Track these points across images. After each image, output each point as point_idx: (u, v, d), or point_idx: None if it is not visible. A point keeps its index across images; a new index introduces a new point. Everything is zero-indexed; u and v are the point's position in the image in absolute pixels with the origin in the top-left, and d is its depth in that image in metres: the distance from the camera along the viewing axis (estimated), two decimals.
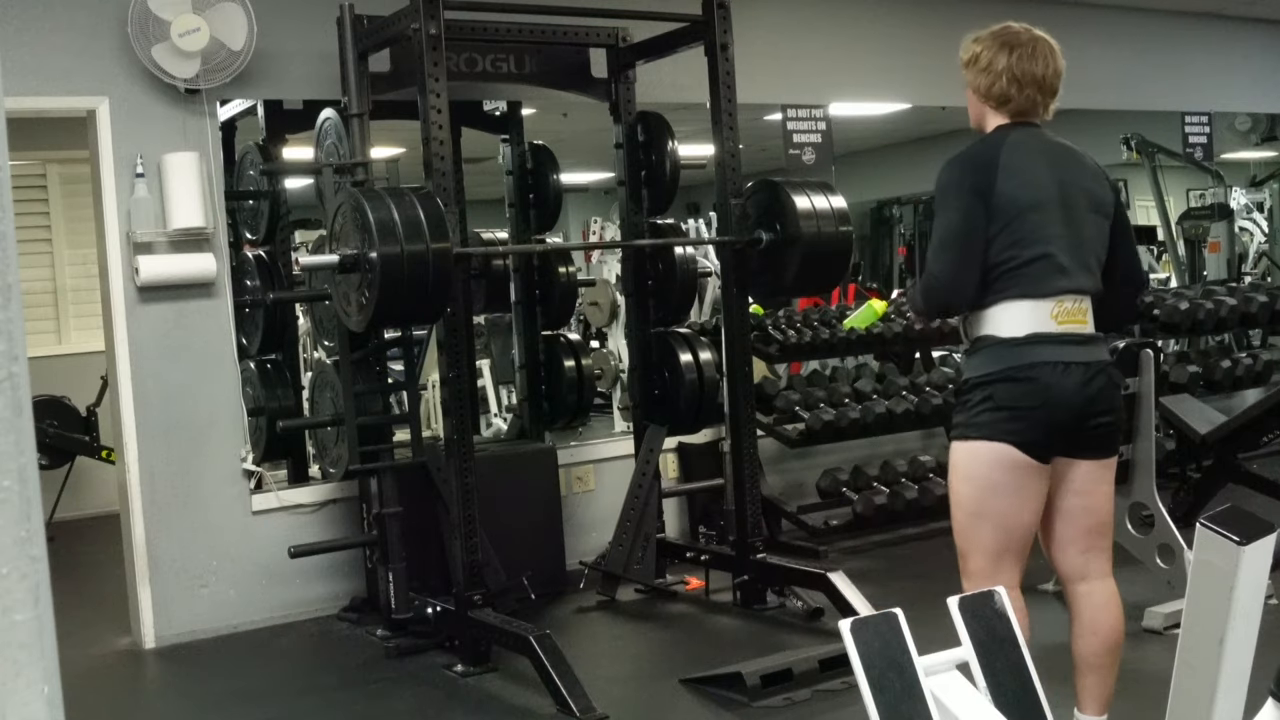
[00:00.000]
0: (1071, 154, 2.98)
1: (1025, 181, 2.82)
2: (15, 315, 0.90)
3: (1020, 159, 2.85)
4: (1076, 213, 2.87)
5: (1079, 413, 2.80)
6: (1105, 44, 7.42)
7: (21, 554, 0.89)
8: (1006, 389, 2.77)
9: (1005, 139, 2.89)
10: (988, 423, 2.79)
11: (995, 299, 2.81)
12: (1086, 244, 2.87)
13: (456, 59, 4.76)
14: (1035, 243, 2.79)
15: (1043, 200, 2.82)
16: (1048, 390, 2.76)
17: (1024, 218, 2.80)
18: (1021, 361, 2.76)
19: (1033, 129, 2.96)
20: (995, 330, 2.81)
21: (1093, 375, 2.81)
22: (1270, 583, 2.11)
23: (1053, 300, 2.79)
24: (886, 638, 1.99)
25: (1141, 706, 3.35)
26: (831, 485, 5.73)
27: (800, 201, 4.51)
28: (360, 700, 4.01)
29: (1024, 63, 2.96)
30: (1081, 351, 2.81)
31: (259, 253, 5.13)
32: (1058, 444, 2.82)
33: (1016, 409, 2.76)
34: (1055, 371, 2.76)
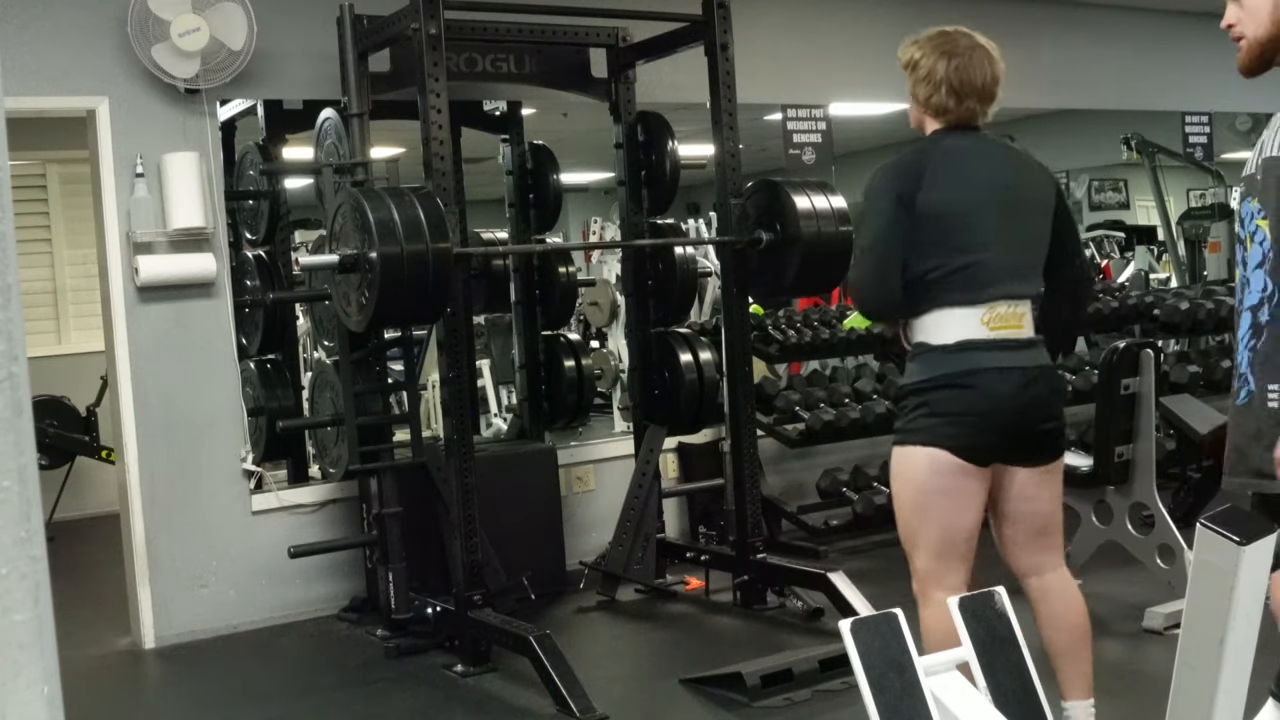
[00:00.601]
0: (1010, 155, 2.99)
1: (955, 188, 2.83)
2: (15, 315, 0.90)
3: (951, 166, 2.85)
4: (1016, 215, 2.88)
5: (1017, 418, 2.83)
6: (1105, 44, 7.42)
7: (21, 554, 0.89)
8: (942, 396, 2.80)
9: (938, 146, 2.89)
10: (924, 428, 2.81)
11: (929, 306, 2.83)
12: (1026, 247, 2.89)
13: (456, 59, 4.76)
14: (965, 250, 2.80)
15: (975, 206, 2.83)
16: (983, 397, 2.78)
17: (953, 225, 2.81)
18: (956, 369, 2.79)
19: (970, 133, 2.95)
20: (929, 338, 2.83)
21: (1030, 380, 2.83)
22: (1270, 582, 2.11)
23: (984, 306, 2.80)
24: (886, 638, 1.99)
25: (1141, 706, 3.35)
26: (831, 485, 5.73)
27: (800, 201, 4.51)
28: (360, 700, 4.01)
29: (963, 72, 2.93)
30: (1017, 356, 2.82)
31: (259, 253, 5.13)
32: (997, 449, 2.85)
33: (952, 415, 2.79)
34: (990, 377, 2.78)
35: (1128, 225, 10.03)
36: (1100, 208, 10.34)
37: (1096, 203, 10.34)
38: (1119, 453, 4.34)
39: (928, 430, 2.81)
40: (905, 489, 2.89)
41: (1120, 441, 4.34)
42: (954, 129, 2.92)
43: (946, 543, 2.87)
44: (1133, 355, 4.36)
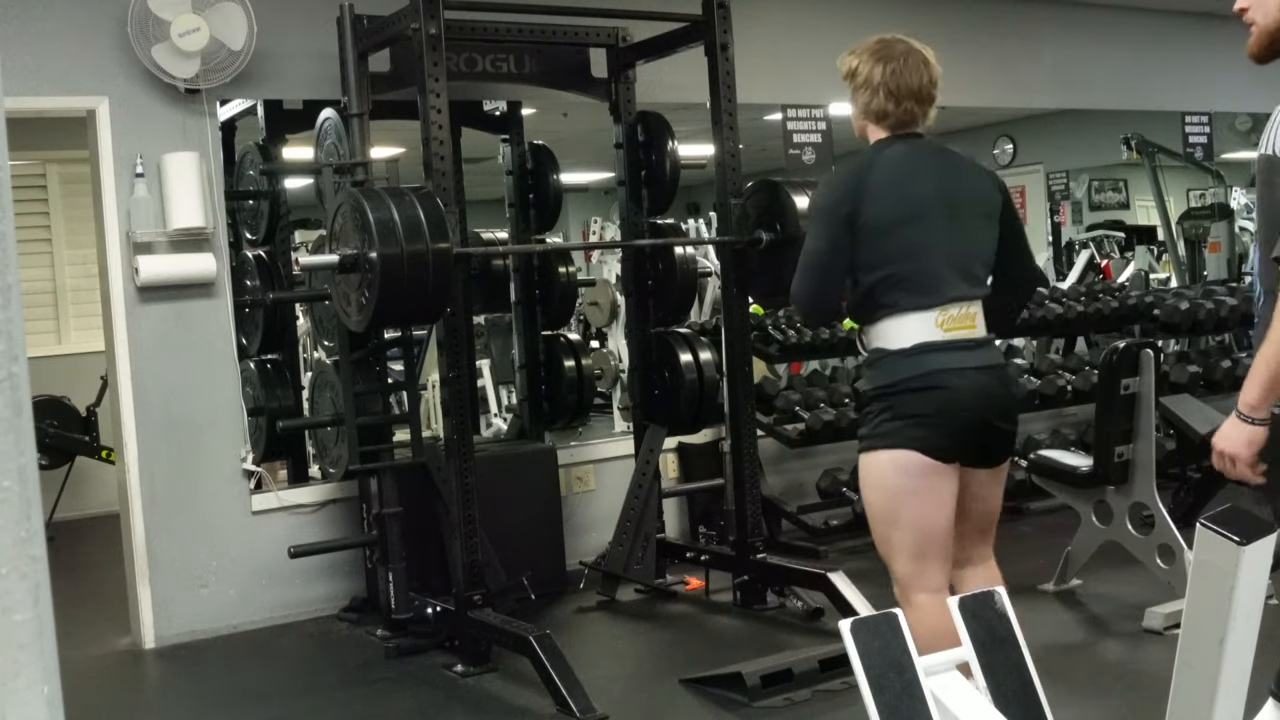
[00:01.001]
0: (953, 161, 3.03)
1: (898, 197, 2.88)
2: (15, 315, 0.90)
3: (894, 175, 2.91)
4: (959, 219, 2.92)
5: (977, 415, 2.86)
6: (1105, 44, 7.42)
7: (21, 554, 0.89)
8: (905, 399, 2.83)
9: (880, 156, 2.94)
10: (890, 432, 2.85)
11: (883, 314, 2.88)
12: (972, 249, 2.94)
13: (456, 59, 4.76)
14: (913, 256, 2.86)
15: (919, 212, 2.88)
16: (944, 397, 2.83)
17: (899, 234, 2.86)
18: (916, 371, 2.83)
19: (913, 140, 3.00)
20: (886, 343, 2.88)
21: (986, 379, 2.89)
22: (1270, 583, 2.11)
23: (936, 310, 2.85)
24: (886, 638, 1.99)
25: (1142, 706, 3.35)
26: (831, 485, 5.73)
27: (800, 201, 4.51)
28: (360, 700, 4.01)
29: (899, 76, 3.00)
30: (972, 356, 2.88)
31: (259, 253, 5.13)
32: (960, 448, 2.88)
33: (917, 416, 2.82)
34: (949, 378, 2.83)
35: (1128, 225, 10.04)
36: (1100, 208, 10.35)
37: (1096, 203, 10.35)
38: (1119, 453, 4.35)
39: (894, 434, 2.84)
40: (876, 494, 2.93)
41: (1120, 441, 4.34)
42: (896, 137, 2.99)
43: (923, 544, 2.90)
44: (1133, 355, 4.36)
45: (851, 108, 3.06)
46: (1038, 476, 4.77)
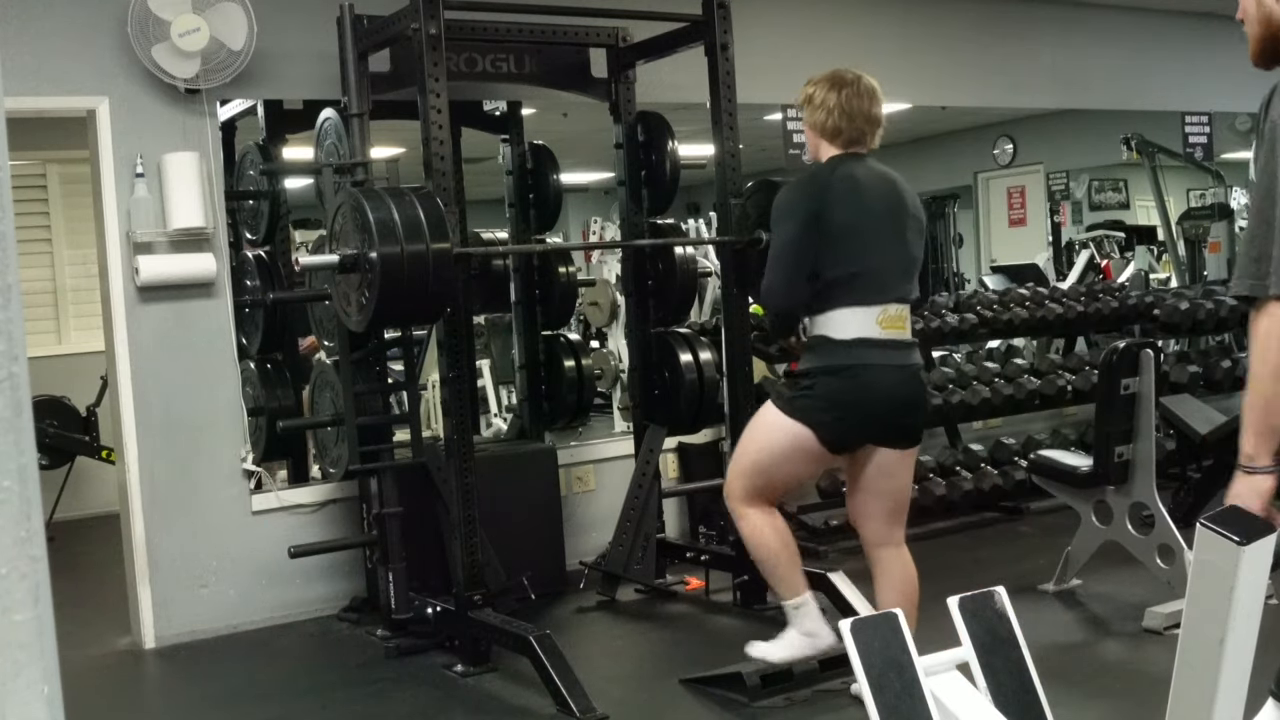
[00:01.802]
0: (894, 182, 3.42)
1: (853, 206, 3.27)
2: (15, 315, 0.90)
3: (849, 186, 3.29)
4: (901, 232, 3.33)
5: (891, 410, 3.28)
6: (1105, 44, 7.42)
7: (21, 554, 0.89)
8: (827, 382, 3.24)
9: (836, 169, 3.33)
10: (803, 407, 3.26)
11: (829, 306, 3.26)
12: (909, 259, 3.34)
13: (456, 59, 4.76)
14: (862, 258, 3.24)
15: (868, 221, 3.27)
16: (861, 388, 3.22)
17: (854, 238, 3.24)
18: (847, 361, 3.23)
19: (861, 159, 3.40)
20: (830, 332, 3.27)
21: (907, 378, 3.30)
22: (1270, 583, 2.11)
23: (879, 308, 3.24)
24: (886, 638, 1.99)
25: (1141, 706, 3.35)
26: (831, 485, 5.73)
27: None
28: (360, 700, 4.01)
29: (852, 100, 3.40)
30: (900, 355, 3.28)
31: (259, 253, 5.13)
32: (861, 437, 3.30)
33: (831, 401, 3.23)
34: (874, 373, 3.23)
35: (1128, 225, 10.04)
36: (1100, 208, 10.35)
37: (1096, 203, 10.35)
38: (1119, 453, 4.35)
39: (805, 410, 3.26)
40: (760, 435, 3.38)
41: (1120, 441, 4.34)
42: (847, 156, 3.38)
43: (766, 488, 3.41)
44: (1133, 355, 4.36)
45: (806, 130, 3.47)
46: (1038, 476, 4.77)
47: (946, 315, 6.23)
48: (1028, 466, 5.27)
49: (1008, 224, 10.74)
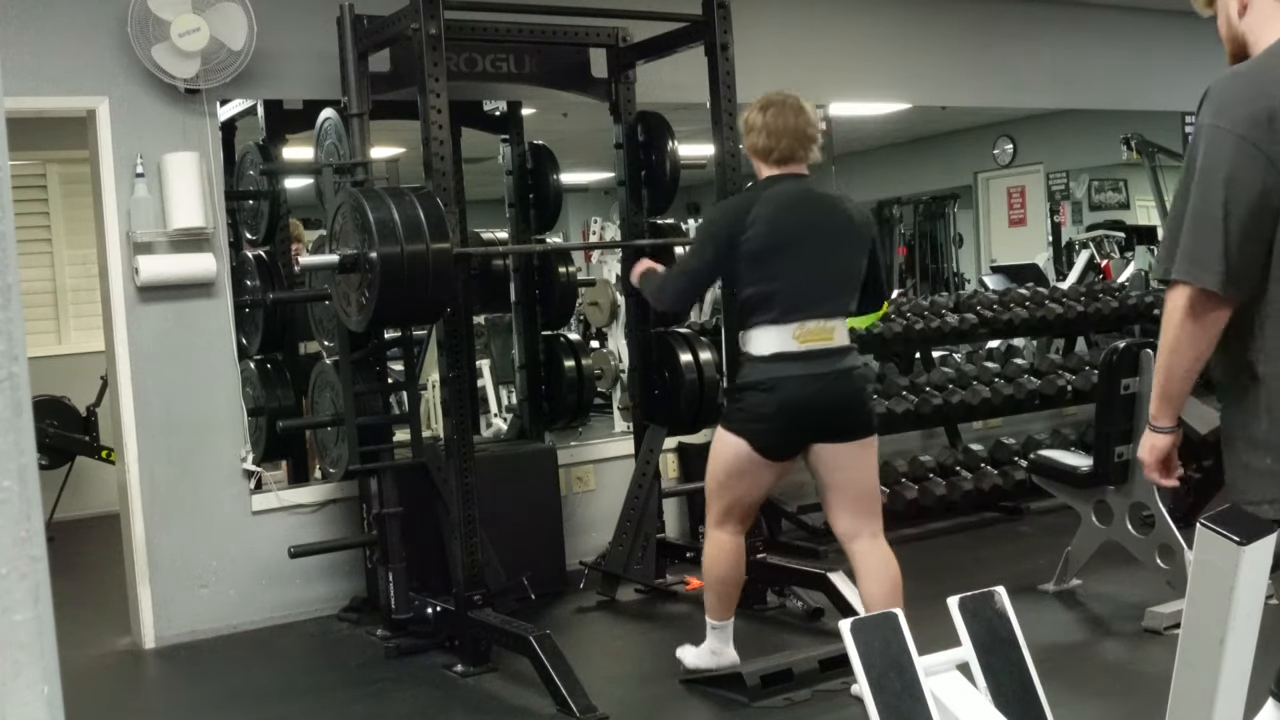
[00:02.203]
0: (826, 202, 3.61)
1: (774, 229, 3.47)
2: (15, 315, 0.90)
3: (773, 210, 3.49)
4: (824, 251, 3.51)
5: (817, 415, 3.48)
6: (1105, 44, 7.42)
7: (21, 554, 0.89)
8: (752, 396, 3.49)
9: (764, 192, 3.55)
10: (736, 420, 3.54)
11: (751, 324, 3.52)
12: (834, 275, 3.53)
13: (456, 59, 4.76)
14: (779, 278, 3.45)
15: (789, 243, 3.47)
16: (781, 400, 3.44)
17: (770, 259, 3.45)
18: (766, 376, 3.46)
19: (795, 180, 3.59)
20: (751, 349, 3.52)
21: (831, 384, 3.47)
22: (1270, 583, 2.11)
23: (795, 324, 3.45)
24: (886, 638, 1.99)
25: (1142, 706, 3.35)
26: None
27: None
28: (360, 700, 4.01)
29: (777, 118, 3.61)
30: (822, 364, 3.47)
31: (259, 253, 5.13)
32: (799, 442, 3.52)
33: (757, 414, 3.47)
34: (794, 384, 3.44)
35: (1128, 225, 10.03)
36: (1100, 208, 10.34)
37: (1096, 203, 10.35)
38: (1119, 453, 4.34)
39: (738, 423, 3.53)
40: (715, 460, 3.65)
41: (1120, 441, 4.34)
42: (782, 176, 3.59)
43: (733, 507, 3.66)
44: (1133, 355, 4.36)
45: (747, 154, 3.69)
46: (1038, 476, 4.77)
47: (946, 315, 6.23)
48: (1028, 466, 5.27)
49: (1008, 224, 10.74)
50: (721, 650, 3.87)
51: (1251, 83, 2.12)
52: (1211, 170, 2.07)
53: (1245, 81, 2.13)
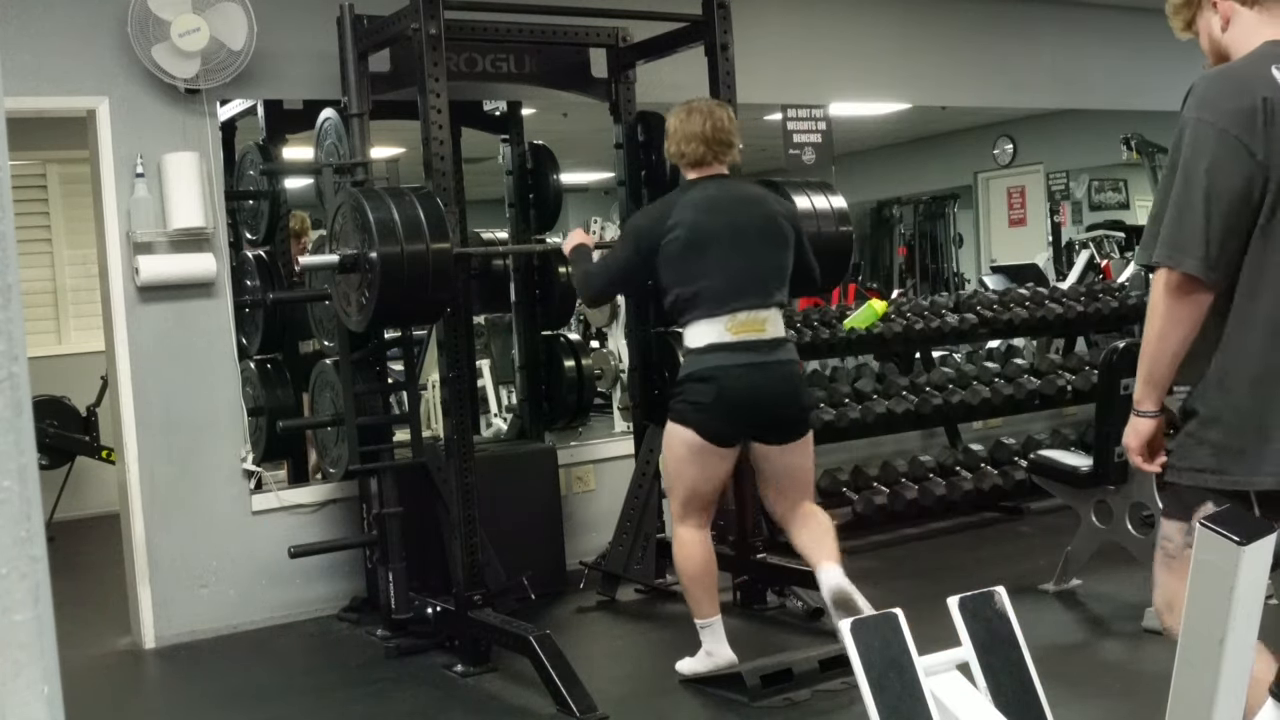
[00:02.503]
0: (747, 200, 3.79)
1: (695, 230, 3.64)
2: (15, 315, 0.90)
3: (693, 213, 3.67)
4: (747, 246, 3.68)
5: (757, 405, 3.63)
6: (1105, 44, 7.42)
7: (21, 554, 0.89)
8: (693, 387, 3.64)
9: (686, 194, 3.74)
10: (681, 412, 3.67)
11: (685, 320, 3.69)
12: (758, 270, 3.68)
13: (456, 59, 4.76)
14: (706, 275, 3.62)
15: (710, 241, 3.64)
16: (723, 389, 3.58)
17: (694, 256, 3.63)
18: (703, 366, 3.62)
19: (717, 181, 3.78)
20: (689, 344, 3.70)
21: (768, 374, 3.64)
22: (1270, 583, 2.11)
23: (726, 316, 3.61)
24: (886, 638, 1.99)
25: (1142, 706, 3.35)
26: (831, 485, 5.73)
27: (800, 201, 4.51)
28: (360, 700, 4.01)
29: (686, 124, 3.76)
30: (755, 355, 3.63)
31: (259, 253, 5.13)
32: (738, 432, 3.67)
33: (699, 404, 3.62)
34: (730, 374, 3.59)
35: (1128, 225, 10.03)
36: (1100, 208, 10.35)
37: (1096, 203, 10.35)
38: (1119, 453, 4.34)
39: (683, 414, 3.66)
40: (667, 452, 3.80)
41: (1120, 441, 4.33)
42: (704, 179, 3.77)
43: (691, 498, 3.75)
44: (1132, 355, 4.31)
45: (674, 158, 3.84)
46: (1038, 476, 4.77)
47: (946, 315, 6.23)
48: (1028, 466, 5.27)
49: (1008, 224, 10.74)
50: (716, 650, 3.87)
51: (1236, 81, 2.22)
52: (1195, 161, 2.17)
53: (1230, 79, 2.23)
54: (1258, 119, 2.14)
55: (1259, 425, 2.20)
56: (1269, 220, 2.17)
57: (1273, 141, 2.15)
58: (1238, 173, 2.15)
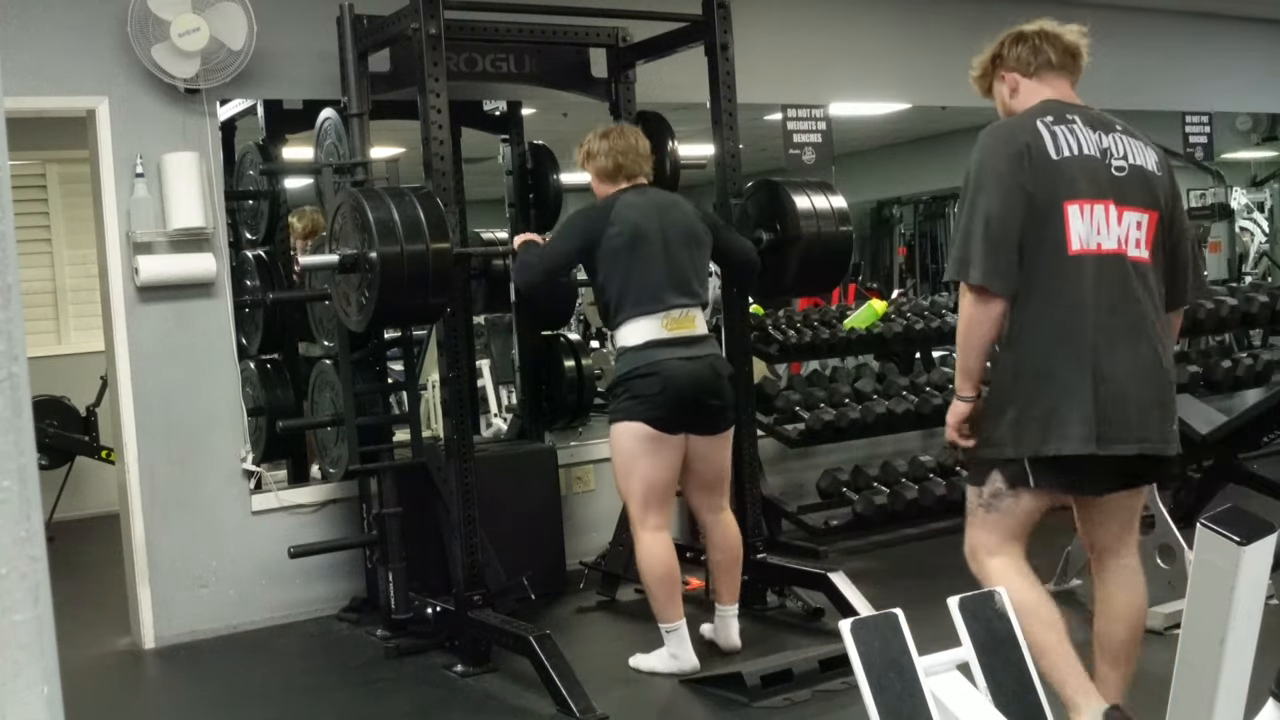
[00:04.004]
0: (672, 204, 4.04)
1: (633, 231, 3.86)
2: (15, 315, 0.90)
3: (633, 214, 3.88)
4: (675, 249, 3.90)
5: (692, 395, 3.83)
6: (1105, 44, 7.36)
7: (21, 554, 0.89)
8: (637, 383, 3.81)
9: (620, 199, 3.94)
10: (627, 408, 3.83)
11: (621, 319, 3.88)
12: (685, 270, 3.91)
13: (456, 59, 4.76)
14: (644, 273, 3.84)
15: (647, 243, 3.85)
16: (664, 380, 3.78)
17: (629, 257, 3.84)
18: (644, 361, 3.81)
19: (642, 189, 4.01)
20: (625, 342, 3.88)
21: (699, 367, 3.86)
22: (1270, 583, 2.11)
23: (661, 314, 3.84)
24: (887, 638, 1.99)
25: (1142, 706, 3.34)
26: (831, 485, 5.73)
27: (800, 201, 4.51)
28: (360, 700, 4.01)
29: (618, 141, 4.03)
30: (689, 350, 3.86)
31: (259, 253, 5.13)
32: (680, 420, 3.84)
33: (644, 396, 3.79)
34: (670, 366, 3.80)
35: None
36: None
37: None
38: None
39: (629, 409, 3.83)
40: (617, 454, 3.93)
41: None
42: (629, 189, 3.98)
43: (648, 493, 3.88)
44: None
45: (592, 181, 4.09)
46: None
47: (946, 315, 6.23)
48: None
49: None
50: (680, 654, 3.95)
51: (1008, 132, 2.82)
52: (978, 196, 2.73)
53: (1004, 131, 2.83)
54: (1025, 160, 2.71)
55: (1042, 408, 2.70)
56: (1036, 240, 2.69)
57: (1036, 175, 2.70)
58: (1011, 203, 2.69)
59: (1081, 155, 2.74)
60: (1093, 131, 2.80)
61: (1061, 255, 2.69)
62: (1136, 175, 2.78)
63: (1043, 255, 2.69)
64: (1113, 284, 2.70)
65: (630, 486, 3.90)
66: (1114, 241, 2.72)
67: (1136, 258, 2.75)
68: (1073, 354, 2.69)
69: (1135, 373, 2.73)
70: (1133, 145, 2.83)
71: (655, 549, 3.90)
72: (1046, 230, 2.69)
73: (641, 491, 3.88)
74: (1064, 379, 2.69)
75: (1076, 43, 3.06)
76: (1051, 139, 2.75)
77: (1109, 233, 2.72)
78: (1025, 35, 3.13)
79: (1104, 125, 2.84)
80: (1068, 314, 2.69)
